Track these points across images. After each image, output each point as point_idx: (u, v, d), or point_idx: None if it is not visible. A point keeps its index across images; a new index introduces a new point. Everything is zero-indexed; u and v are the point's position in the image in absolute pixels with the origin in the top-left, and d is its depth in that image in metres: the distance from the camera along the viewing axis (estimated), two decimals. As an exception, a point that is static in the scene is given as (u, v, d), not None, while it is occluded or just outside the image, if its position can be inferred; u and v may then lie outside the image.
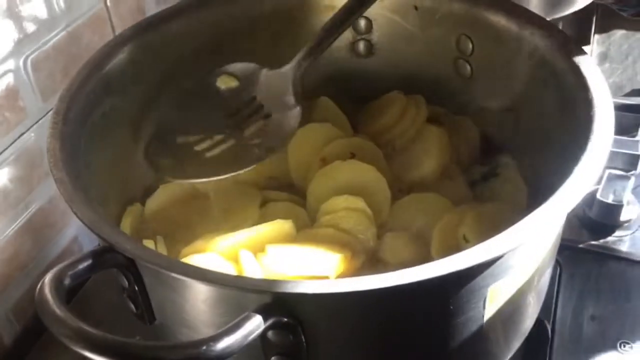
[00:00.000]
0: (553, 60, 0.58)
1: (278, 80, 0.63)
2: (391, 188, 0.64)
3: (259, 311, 0.40)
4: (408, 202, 0.64)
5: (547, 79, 0.58)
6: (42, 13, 0.69)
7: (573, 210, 0.45)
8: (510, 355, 0.56)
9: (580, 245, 0.76)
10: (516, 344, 0.57)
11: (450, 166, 0.67)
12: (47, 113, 0.71)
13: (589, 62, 0.55)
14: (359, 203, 0.61)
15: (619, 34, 1.06)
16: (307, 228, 0.62)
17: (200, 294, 0.44)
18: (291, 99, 0.62)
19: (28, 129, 0.70)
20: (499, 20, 0.63)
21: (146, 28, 0.64)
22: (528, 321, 0.57)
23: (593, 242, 0.76)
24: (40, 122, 0.71)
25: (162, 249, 0.59)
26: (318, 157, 0.66)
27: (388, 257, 0.60)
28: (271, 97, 0.63)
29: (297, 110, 0.62)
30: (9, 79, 0.66)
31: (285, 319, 0.41)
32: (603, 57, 1.02)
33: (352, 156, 0.66)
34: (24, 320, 0.73)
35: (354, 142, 0.68)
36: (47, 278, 0.39)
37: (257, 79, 0.64)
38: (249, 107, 0.62)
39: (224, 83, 0.64)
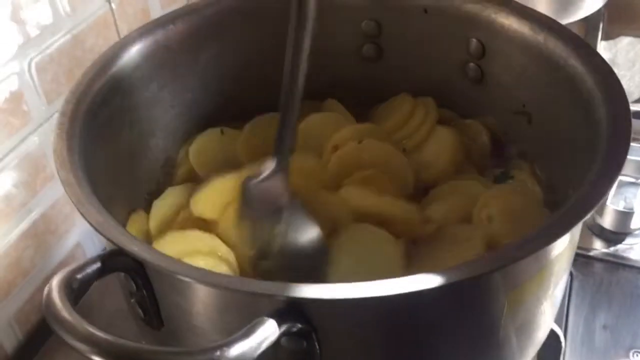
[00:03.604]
0: (567, 64, 0.57)
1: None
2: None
3: (272, 316, 0.39)
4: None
5: (561, 82, 0.58)
6: (47, 16, 0.68)
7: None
8: (523, 364, 0.55)
9: (591, 253, 0.75)
10: (530, 352, 0.56)
11: (464, 167, 0.66)
12: (51, 116, 0.71)
13: (604, 65, 0.55)
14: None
15: (625, 40, 1.05)
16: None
17: (210, 298, 0.43)
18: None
19: (32, 133, 0.69)
20: (511, 23, 0.62)
21: (152, 30, 0.63)
22: (542, 330, 0.56)
23: (604, 250, 0.76)
24: (44, 125, 0.70)
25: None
26: (329, 145, 0.65)
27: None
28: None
29: None
30: (13, 82, 0.65)
31: (300, 325, 0.40)
32: (610, 64, 1.01)
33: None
34: (26, 328, 0.72)
35: (364, 128, 0.67)
36: (55, 281, 0.37)
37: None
38: None
39: None
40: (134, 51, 0.61)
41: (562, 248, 0.49)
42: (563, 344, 0.66)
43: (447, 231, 0.58)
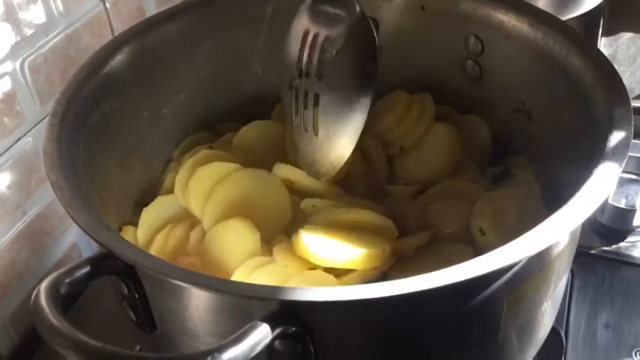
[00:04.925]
0: (567, 60, 0.56)
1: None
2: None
3: (265, 320, 0.38)
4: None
5: (561, 79, 0.57)
6: (40, 15, 0.67)
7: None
8: (524, 364, 0.54)
9: (592, 251, 0.75)
10: (531, 353, 0.55)
11: (463, 163, 0.65)
12: (45, 117, 0.70)
13: (605, 61, 0.54)
14: None
15: (626, 36, 1.04)
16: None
17: (203, 301, 0.42)
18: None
19: (25, 134, 0.68)
20: (510, 19, 0.61)
21: (146, 29, 0.63)
22: (543, 330, 0.55)
23: (605, 248, 0.75)
24: (38, 126, 0.69)
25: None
26: None
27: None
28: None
29: None
30: (6, 82, 0.65)
31: (294, 328, 0.39)
32: (610, 60, 1.00)
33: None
34: (22, 330, 0.72)
35: None
36: (43, 286, 0.37)
37: None
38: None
39: None
40: (127, 50, 0.60)
41: (563, 247, 0.48)
42: (564, 344, 0.65)
43: (436, 248, 0.58)
